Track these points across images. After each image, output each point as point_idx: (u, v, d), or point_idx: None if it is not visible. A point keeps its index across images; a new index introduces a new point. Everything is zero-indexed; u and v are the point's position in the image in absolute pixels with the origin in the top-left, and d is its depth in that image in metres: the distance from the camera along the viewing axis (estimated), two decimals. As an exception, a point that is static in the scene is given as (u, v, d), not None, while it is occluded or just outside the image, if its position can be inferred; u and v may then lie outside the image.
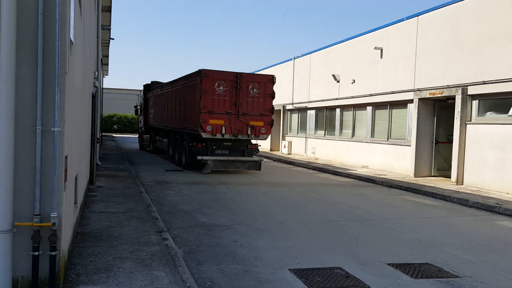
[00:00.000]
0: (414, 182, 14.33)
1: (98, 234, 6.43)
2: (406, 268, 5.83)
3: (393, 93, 17.15)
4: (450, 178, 14.56)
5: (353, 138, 20.09)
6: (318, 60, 23.54)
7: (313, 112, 23.88)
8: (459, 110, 13.87)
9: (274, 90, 16.09)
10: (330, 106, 21.98)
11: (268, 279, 5.21)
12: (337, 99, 21.17)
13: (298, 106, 25.36)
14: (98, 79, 11.84)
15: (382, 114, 18.18)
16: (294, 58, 26.26)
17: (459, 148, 13.89)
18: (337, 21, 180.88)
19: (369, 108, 18.89)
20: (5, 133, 3.89)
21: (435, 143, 15.90)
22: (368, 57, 18.89)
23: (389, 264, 5.98)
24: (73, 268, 4.94)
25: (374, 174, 16.32)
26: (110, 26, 18.73)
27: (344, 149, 20.65)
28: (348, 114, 20.69)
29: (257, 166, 16.05)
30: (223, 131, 15.19)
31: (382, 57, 18.00)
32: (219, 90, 15.10)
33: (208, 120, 14.92)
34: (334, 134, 21.75)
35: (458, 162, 13.92)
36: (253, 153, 16.49)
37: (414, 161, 15.75)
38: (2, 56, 3.84)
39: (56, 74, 4.03)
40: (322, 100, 22.56)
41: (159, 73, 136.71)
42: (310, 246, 6.71)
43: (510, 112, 12.40)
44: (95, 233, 6.48)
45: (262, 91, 15.72)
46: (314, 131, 23.72)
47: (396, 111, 17.43)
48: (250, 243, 6.70)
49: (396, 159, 17.05)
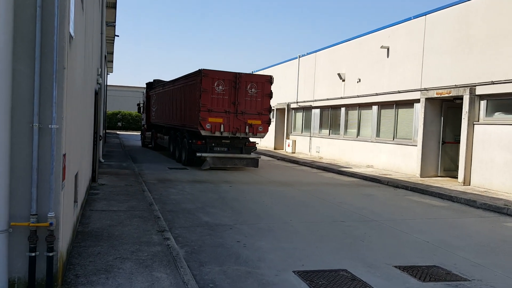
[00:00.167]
0: (420, 182, 14.15)
1: (98, 233, 6.32)
2: (413, 270, 5.68)
3: (399, 92, 16.96)
4: (456, 178, 14.37)
5: (358, 137, 19.91)
6: (323, 59, 23.37)
7: (317, 111, 23.70)
8: (467, 110, 13.67)
9: (271, 90, 16.49)
10: (335, 105, 21.80)
11: (271, 281, 5.08)
12: (342, 98, 20.99)
13: (303, 105, 25.20)
14: (101, 76, 11.76)
15: (388, 113, 17.98)
16: (299, 57, 26.09)
17: (467, 148, 13.69)
18: (343, 19, 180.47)
19: (374, 107, 18.70)
20: (0, 130, 3.76)
21: (442, 143, 15.71)
22: (374, 56, 18.69)
23: (396, 266, 5.83)
24: (72, 268, 4.82)
25: (379, 174, 16.14)
26: (115, 22, 18.68)
27: (348, 148, 20.47)
28: (353, 113, 20.50)
29: (254, 163, 16.43)
30: (222, 129, 15.57)
31: (388, 56, 17.81)
32: (219, 89, 15.45)
33: (207, 118, 15.29)
34: (339, 133, 21.57)
35: (465, 163, 13.72)
36: (251, 150, 16.82)
37: (420, 161, 15.56)
38: (-2, 49, 3.70)
39: (54, 69, 3.91)
40: (327, 99, 22.39)
41: (164, 71, 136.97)
42: (314, 247, 6.57)
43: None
44: (96, 232, 6.37)
45: (260, 91, 16.10)
46: (319, 130, 23.54)
47: (402, 111, 17.23)
48: (254, 244, 6.57)
49: (402, 159, 16.86)
